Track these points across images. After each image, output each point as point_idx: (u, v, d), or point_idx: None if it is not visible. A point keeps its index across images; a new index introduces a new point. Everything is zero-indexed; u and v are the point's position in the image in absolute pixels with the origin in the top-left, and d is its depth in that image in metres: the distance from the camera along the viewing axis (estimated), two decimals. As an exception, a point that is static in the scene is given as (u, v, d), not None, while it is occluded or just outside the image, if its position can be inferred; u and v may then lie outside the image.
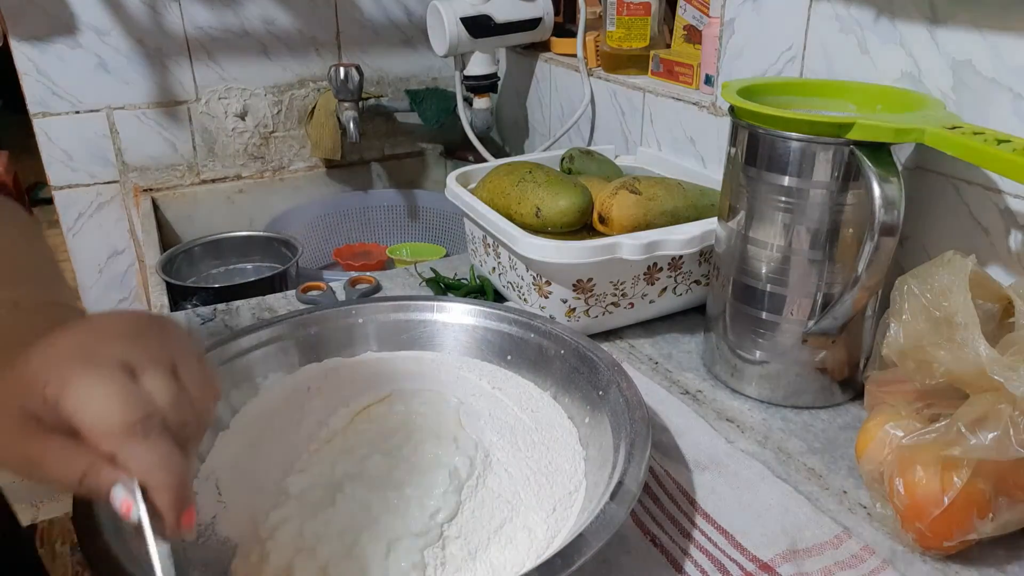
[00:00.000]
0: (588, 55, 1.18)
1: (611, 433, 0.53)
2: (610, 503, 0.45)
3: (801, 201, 0.61)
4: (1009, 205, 0.62)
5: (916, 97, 0.64)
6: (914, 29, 0.67)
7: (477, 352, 0.66)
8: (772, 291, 0.64)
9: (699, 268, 0.77)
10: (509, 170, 0.83)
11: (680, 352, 0.76)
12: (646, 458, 0.48)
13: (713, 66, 0.92)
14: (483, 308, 0.67)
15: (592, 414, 0.57)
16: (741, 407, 0.68)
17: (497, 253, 0.80)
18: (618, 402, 0.55)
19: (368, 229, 1.50)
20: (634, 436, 0.51)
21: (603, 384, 0.57)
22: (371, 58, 1.48)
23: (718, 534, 0.53)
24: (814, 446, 0.62)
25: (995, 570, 0.51)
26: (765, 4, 0.81)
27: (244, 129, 1.42)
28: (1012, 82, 0.61)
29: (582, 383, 0.59)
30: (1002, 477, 0.47)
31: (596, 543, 0.42)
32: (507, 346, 0.65)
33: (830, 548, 0.51)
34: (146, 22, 1.29)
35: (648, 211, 0.77)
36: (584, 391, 0.59)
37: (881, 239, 0.56)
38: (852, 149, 0.57)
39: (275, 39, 1.40)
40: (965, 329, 0.48)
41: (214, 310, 0.83)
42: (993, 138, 0.52)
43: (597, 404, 0.57)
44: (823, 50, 0.76)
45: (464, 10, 1.20)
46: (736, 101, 0.62)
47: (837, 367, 0.66)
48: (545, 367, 0.63)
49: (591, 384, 0.58)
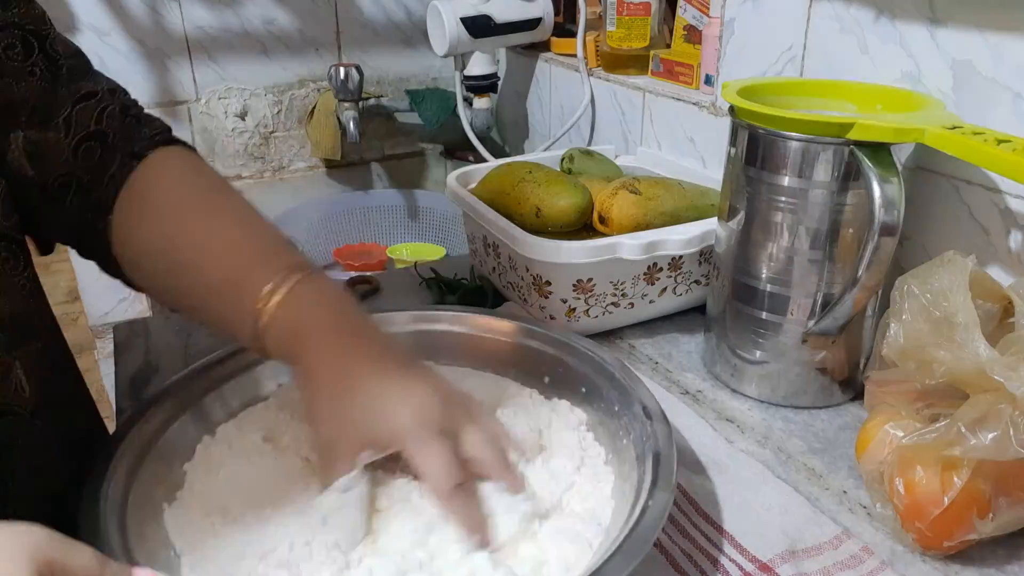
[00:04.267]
0: (588, 55, 1.18)
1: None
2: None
3: (801, 201, 0.61)
4: (1009, 205, 0.62)
5: (916, 97, 0.64)
6: (914, 29, 0.67)
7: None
8: (772, 291, 0.64)
9: (699, 268, 0.77)
10: (509, 170, 0.83)
11: (680, 352, 0.76)
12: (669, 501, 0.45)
13: (713, 66, 0.92)
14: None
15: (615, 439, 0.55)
16: (741, 407, 0.68)
17: (497, 253, 0.80)
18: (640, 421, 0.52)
19: (368, 229, 1.50)
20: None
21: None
22: (371, 58, 1.48)
23: (718, 534, 0.53)
24: (814, 446, 0.62)
25: (995, 570, 0.51)
26: (765, 4, 0.81)
27: (244, 129, 1.42)
28: (1012, 82, 0.61)
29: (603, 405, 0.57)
30: (1002, 477, 0.47)
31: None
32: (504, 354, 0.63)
33: (830, 548, 0.51)
34: (146, 22, 1.29)
35: (648, 211, 0.77)
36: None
37: (881, 239, 0.56)
38: (852, 149, 0.57)
39: (275, 39, 1.40)
40: (965, 329, 0.48)
41: (214, 310, 0.83)
42: (993, 138, 0.52)
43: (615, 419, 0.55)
44: (823, 50, 0.76)
45: (464, 10, 1.20)
46: (736, 101, 0.62)
47: (837, 367, 0.65)
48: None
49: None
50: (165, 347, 0.76)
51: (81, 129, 0.54)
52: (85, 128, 0.54)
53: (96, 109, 0.55)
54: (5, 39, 0.51)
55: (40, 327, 0.53)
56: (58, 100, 0.53)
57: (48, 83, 0.53)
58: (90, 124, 0.54)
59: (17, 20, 0.52)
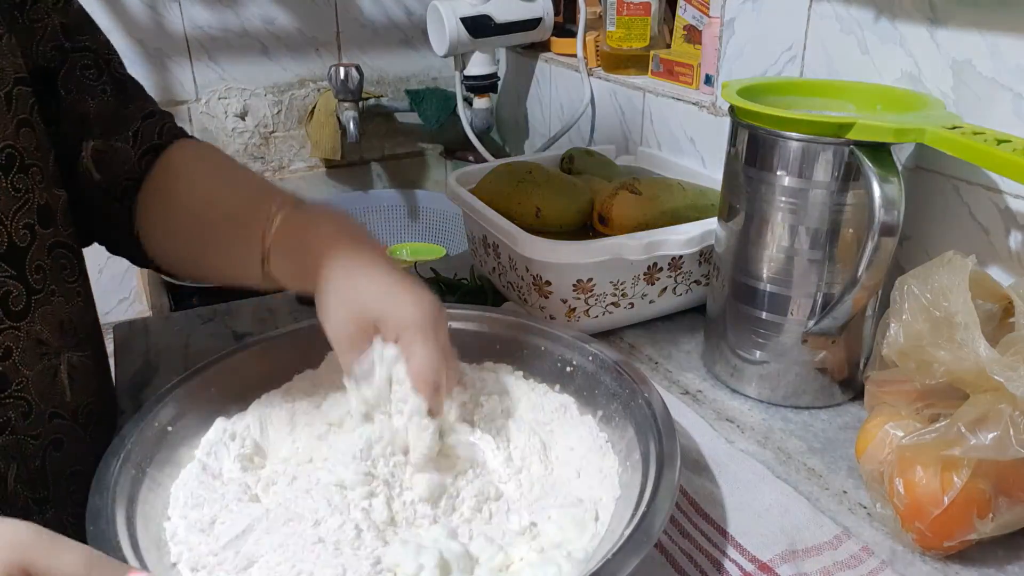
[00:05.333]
0: (588, 55, 1.18)
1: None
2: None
3: (801, 201, 0.61)
4: (1009, 205, 0.62)
5: (916, 97, 0.64)
6: (914, 29, 0.67)
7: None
8: (772, 291, 0.64)
9: (699, 268, 0.77)
10: (509, 170, 0.83)
11: (680, 352, 0.76)
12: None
13: (713, 66, 0.92)
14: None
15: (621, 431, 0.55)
16: (741, 407, 0.68)
17: (497, 253, 0.80)
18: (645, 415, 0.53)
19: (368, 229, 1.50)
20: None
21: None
22: (371, 58, 1.48)
23: (717, 534, 0.53)
24: (814, 446, 0.62)
25: (995, 570, 0.51)
26: (765, 4, 0.81)
27: (244, 129, 1.43)
28: (1012, 82, 0.61)
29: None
30: (1002, 477, 0.47)
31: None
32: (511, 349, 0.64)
33: (830, 548, 0.51)
34: (146, 22, 1.29)
35: (648, 211, 0.77)
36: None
37: (881, 239, 0.56)
38: (852, 149, 0.57)
39: (275, 39, 1.40)
40: (965, 329, 0.48)
41: (214, 310, 0.83)
42: (993, 138, 0.52)
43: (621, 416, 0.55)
44: (823, 50, 0.76)
45: (464, 10, 1.20)
46: (736, 101, 0.62)
47: (837, 367, 0.66)
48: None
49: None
50: (165, 347, 0.76)
51: (146, 141, 0.62)
52: (149, 140, 0.62)
53: (158, 125, 0.64)
54: (80, 60, 0.59)
55: (87, 336, 0.58)
56: (128, 115, 0.62)
57: (115, 99, 0.61)
58: (153, 137, 0.63)
59: (89, 44, 0.60)
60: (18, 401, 0.52)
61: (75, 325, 0.56)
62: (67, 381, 0.55)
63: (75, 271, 0.57)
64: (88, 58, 0.59)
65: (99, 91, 0.60)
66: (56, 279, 0.54)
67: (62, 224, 0.56)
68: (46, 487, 0.54)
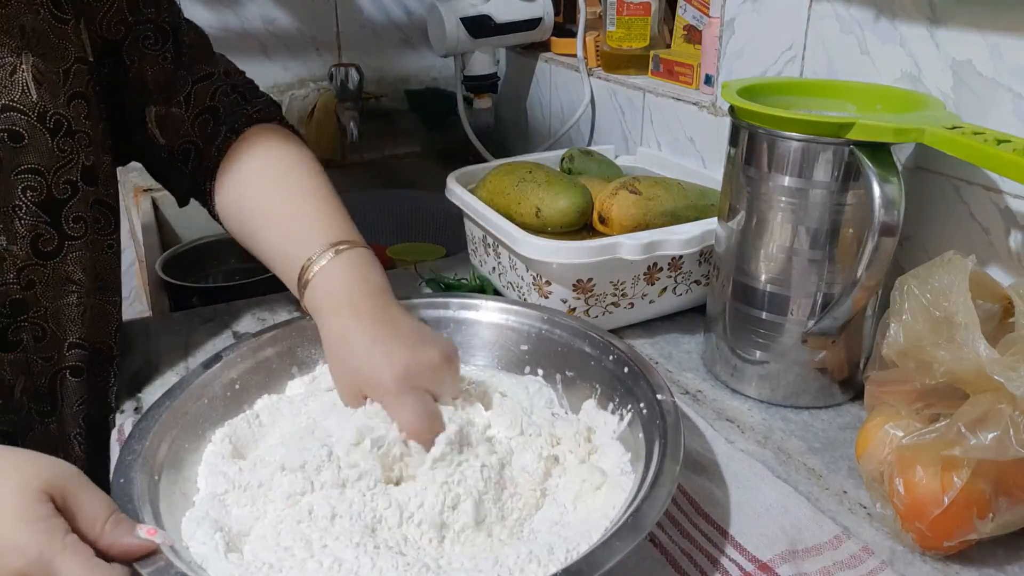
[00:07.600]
0: (588, 55, 1.18)
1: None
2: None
3: (801, 201, 0.61)
4: (1009, 205, 0.62)
5: (916, 97, 0.64)
6: (914, 29, 0.67)
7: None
8: (772, 291, 0.64)
9: (699, 268, 0.77)
10: (509, 170, 0.83)
11: (680, 352, 0.76)
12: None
13: (713, 66, 0.92)
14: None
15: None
16: (741, 407, 0.68)
17: (497, 253, 0.80)
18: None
19: (368, 229, 1.49)
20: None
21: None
22: (371, 58, 1.48)
23: (717, 534, 0.53)
24: (814, 446, 0.62)
25: (995, 570, 0.51)
26: (765, 4, 0.81)
27: (244, 129, 1.42)
28: (1012, 82, 0.61)
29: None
30: (1002, 477, 0.47)
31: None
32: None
33: (830, 548, 0.51)
34: (146, 22, 1.29)
35: (648, 211, 0.77)
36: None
37: (881, 239, 0.56)
38: (852, 149, 0.57)
39: (275, 39, 1.40)
40: (965, 329, 0.48)
41: (214, 310, 0.83)
42: (993, 138, 0.52)
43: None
44: (823, 50, 0.76)
45: (464, 10, 1.20)
46: (736, 101, 0.62)
47: (837, 367, 0.65)
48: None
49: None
50: (165, 347, 0.76)
51: (198, 105, 0.67)
52: (201, 104, 0.67)
53: (211, 88, 0.68)
54: (142, 32, 0.65)
55: (112, 284, 0.67)
56: (179, 80, 0.67)
57: (173, 65, 0.66)
58: (205, 100, 0.67)
59: (153, 15, 0.65)
60: (33, 326, 0.60)
61: (102, 272, 0.65)
62: (88, 318, 0.64)
63: (111, 226, 0.65)
64: (149, 29, 0.65)
65: (159, 59, 0.66)
66: (93, 230, 0.63)
67: (103, 184, 0.63)
68: (51, 404, 0.63)
